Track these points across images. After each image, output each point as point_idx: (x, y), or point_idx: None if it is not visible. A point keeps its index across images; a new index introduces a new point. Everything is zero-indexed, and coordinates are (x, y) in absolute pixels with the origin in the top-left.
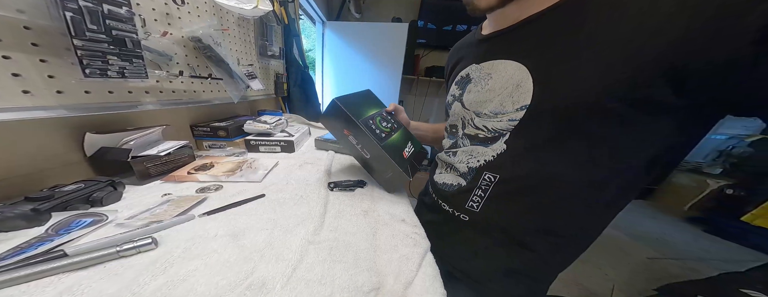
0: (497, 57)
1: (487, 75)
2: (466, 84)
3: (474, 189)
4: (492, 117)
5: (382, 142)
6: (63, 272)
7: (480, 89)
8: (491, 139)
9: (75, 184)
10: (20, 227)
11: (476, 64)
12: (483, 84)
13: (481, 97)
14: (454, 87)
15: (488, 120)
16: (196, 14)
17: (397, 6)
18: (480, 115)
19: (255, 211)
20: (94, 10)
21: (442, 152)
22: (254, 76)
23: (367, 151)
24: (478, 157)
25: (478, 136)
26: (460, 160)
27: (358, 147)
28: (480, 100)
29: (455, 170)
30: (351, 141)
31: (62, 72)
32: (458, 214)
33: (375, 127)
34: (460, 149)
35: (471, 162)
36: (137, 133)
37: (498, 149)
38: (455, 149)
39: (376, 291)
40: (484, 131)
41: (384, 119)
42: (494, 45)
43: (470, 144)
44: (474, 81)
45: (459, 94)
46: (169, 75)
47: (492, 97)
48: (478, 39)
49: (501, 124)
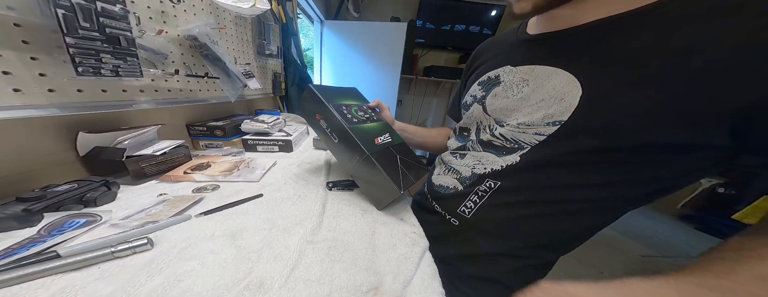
0: (542, 62)
1: (522, 81)
2: (492, 86)
3: (470, 194)
4: (515, 128)
5: (351, 124)
6: (56, 274)
7: (510, 96)
8: (507, 150)
9: (68, 184)
10: (11, 228)
11: (512, 67)
12: (515, 91)
13: (510, 105)
14: (477, 87)
15: (511, 130)
16: (192, 12)
17: (395, 5)
18: (503, 124)
19: (253, 211)
20: (86, 8)
21: (446, 153)
22: (252, 75)
23: (336, 134)
24: (486, 164)
25: (493, 143)
26: (466, 164)
27: (328, 131)
28: (508, 107)
29: (456, 173)
30: (322, 125)
31: (54, 70)
32: (449, 217)
33: (347, 113)
34: (469, 153)
35: (477, 168)
36: (132, 133)
37: (510, 161)
38: (463, 152)
39: (374, 290)
40: (501, 140)
41: (361, 110)
42: (540, 48)
43: (482, 150)
44: (504, 85)
45: (482, 96)
46: (165, 74)
47: (523, 107)
48: (520, 38)
49: (524, 136)
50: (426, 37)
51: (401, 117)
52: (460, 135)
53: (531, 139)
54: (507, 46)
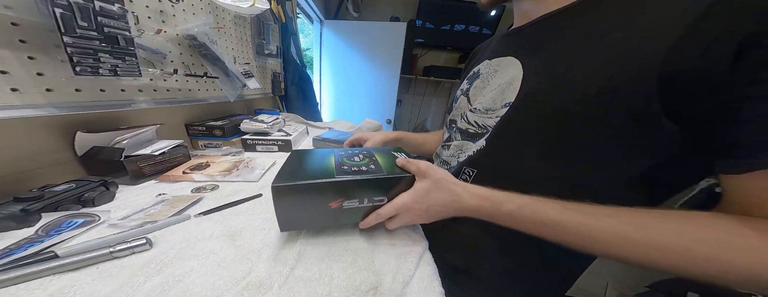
0: (505, 54)
1: (494, 71)
2: (474, 79)
3: None
4: (483, 113)
5: (382, 172)
6: (54, 274)
7: (483, 85)
8: (478, 136)
9: (66, 184)
10: (9, 228)
11: (488, 60)
12: (488, 80)
13: (480, 93)
14: (466, 82)
15: (479, 116)
16: (191, 12)
17: (395, 5)
18: (474, 111)
19: (252, 210)
20: (84, 7)
21: (439, 146)
22: (251, 74)
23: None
24: (465, 152)
25: (468, 130)
26: (451, 154)
27: (366, 203)
28: (478, 95)
29: (445, 164)
30: (352, 205)
31: (52, 69)
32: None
33: (355, 167)
34: (452, 143)
35: (459, 156)
36: (130, 132)
37: (479, 146)
38: (449, 143)
39: (374, 290)
40: (474, 127)
41: (347, 155)
42: (507, 42)
43: (461, 138)
44: (482, 77)
45: (466, 88)
46: (164, 73)
47: (488, 93)
48: (501, 35)
49: (489, 120)
50: (425, 37)
51: (401, 117)
52: (449, 127)
53: (493, 122)
54: (492, 43)
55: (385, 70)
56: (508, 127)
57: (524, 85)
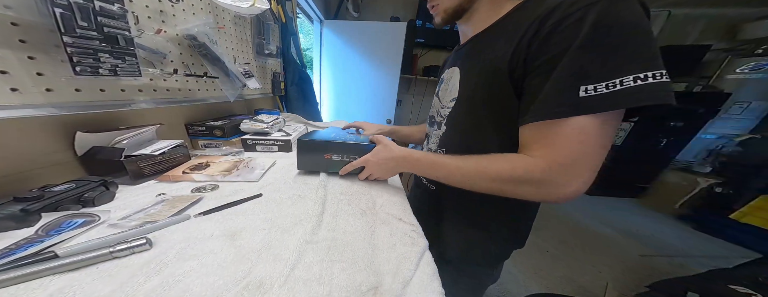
0: (454, 65)
1: (449, 77)
2: (441, 83)
3: None
4: (444, 107)
5: (358, 141)
6: (54, 274)
7: (445, 88)
8: (441, 123)
9: (66, 184)
10: (9, 228)
11: (447, 69)
12: (448, 83)
13: (444, 94)
14: (438, 86)
15: (441, 108)
16: (191, 12)
17: (395, 5)
18: (443, 107)
19: (252, 210)
20: (84, 7)
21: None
22: (251, 74)
23: (354, 153)
24: (437, 136)
25: (438, 121)
26: (433, 142)
27: (345, 158)
28: (444, 95)
29: (430, 151)
30: (337, 158)
31: (52, 69)
32: (429, 184)
33: (343, 139)
34: (432, 133)
35: (431, 146)
36: (130, 132)
37: (442, 130)
38: (430, 135)
39: (374, 290)
40: (440, 117)
41: (340, 133)
42: (456, 55)
43: (437, 129)
44: (444, 81)
45: (437, 91)
46: (163, 73)
47: (447, 93)
48: (454, 50)
49: (445, 111)
50: (425, 37)
51: (401, 116)
52: (429, 122)
53: (447, 111)
54: (450, 56)
55: (385, 70)
56: (454, 114)
57: (461, 85)
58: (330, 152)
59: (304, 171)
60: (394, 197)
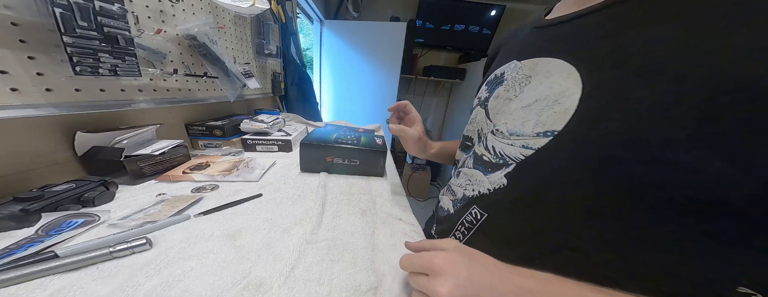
0: (545, 53)
1: (525, 78)
2: (496, 86)
3: (457, 223)
4: (505, 137)
5: (359, 145)
6: (54, 274)
7: (508, 95)
8: (493, 167)
9: (66, 184)
10: (9, 228)
11: (517, 61)
12: (516, 89)
13: (505, 107)
14: (484, 88)
15: (500, 140)
16: (191, 12)
17: (395, 5)
18: (495, 132)
19: (252, 210)
20: (84, 7)
21: (455, 169)
22: (251, 74)
23: (354, 158)
24: (474, 184)
25: (483, 157)
26: (459, 184)
27: (346, 162)
28: (503, 110)
29: (452, 193)
30: (339, 161)
31: (51, 69)
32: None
33: (344, 141)
34: (463, 170)
35: (467, 189)
36: (130, 132)
37: (496, 182)
38: (460, 169)
39: (374, 290)
40: (490, 154)
41: (343, 134)
42: (549, 35)
43: (473, 166)
44: (507, 83)
45: (485, 97)
46: (163, 73)
47: (516, 110)
48: (533, 25)
49: (511, 149)
50: (425, 37)
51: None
52: (463, 146)
53: (516, 152)
54: (520, 36)
55: (385, 70)
56: (543, 166)
57: (583, 107)
58: (332, 155)
59: (304, 171)
60: (394, 197)
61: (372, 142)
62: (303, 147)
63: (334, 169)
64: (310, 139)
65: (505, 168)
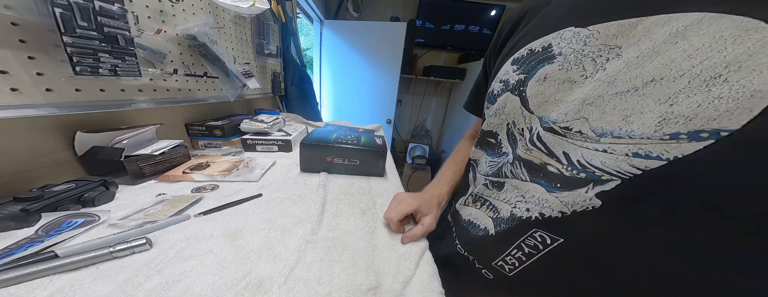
0: (655, 7)
1: (604, 49)
2: (539, 63)
3: (511, 246)
4: (588, 139)
5: (359, 145)
6: (54, 274)
7: (572, 76)
8: (567, 182)
9: (66, 184)
10: (9, 228)
11: (578, 28)
12: (585, 67)
13: (567, 93)
14: (511, 68)
15: (575, 143)
16: (191, 12)
17: (395, 5)
18: (557, 130)
19: (252, 210)
20: (84, 7)
21: (477, 172)
22: (251, 74)
23: (354, 158)
24: (531, 203)
25: (548, 167)
26: (505, 199)
27: (346, 162)
28: (559, 97)
29: (492, 209)
30: (339, 161)
31: (51, 69)
32: (480, 267)
33: (344, 142)
34: (507, 182)
35: (518, 207)
36: (130, 132)
37: (578, 203)
38: (501, 180)
39: (374, 290)
40: (564, 163)
41: (343, 134)
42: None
43: (527, 177)
44: (563, 60)
45: (519, 80)
46: (163, 73)
47: (601, 97)
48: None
49: (605, 157)
50: (425, 37)
51: (401, 116)
52: (485, 144)
53: (622, 165)
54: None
55: (385, 70)
56: (684, 189)
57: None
58: (332, 155)
59: (304, 171)
60: None
61: (372, 142)
62: (303, 147)
63: (334, 169)
64: (310, 139)
65: (595, 186)
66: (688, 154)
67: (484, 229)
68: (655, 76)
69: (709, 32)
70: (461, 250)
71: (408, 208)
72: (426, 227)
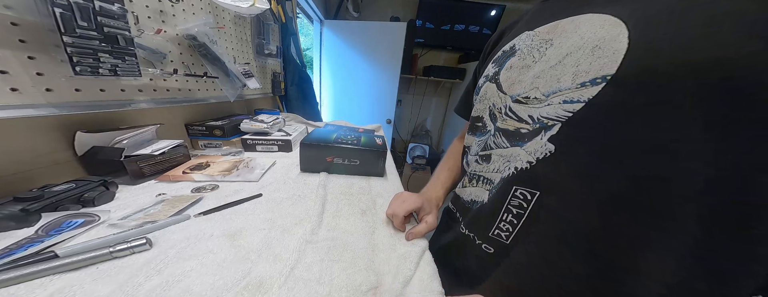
0: (566, 13)
1: (543, 42)
2: (507, 58)
3: (500, 212)
4: (540, 101)
5: (359, 145)
6: (54, 274)
7: (527, 63)
8: (531, 134)
9: (66, 184)
10: (9, 228)
11: (529, 31)
12: (534, 55)
13: (522, 75)
14: (491, 66)
15: (531, 106)
16: (191, 12)
17: (395, 5)
18: (521, 100)
19: (252, 210)
20: (84, 7)
21: (470, 156)
22: (251, 74)
23: (354, 158)
24: (512, 161)
25: (520, 130)
26: (495, 169)
27: (346, 162)
28: (520, 79)
29: (486, 182)
30: (339, 161)
31: (51, 69)
32: (480, 242)
33: (344, 142)
34: (493, 152)
35: (504, 170)
36: (130, 132)
37: (537, 151)
38: (488, 152)
39: (374, 290)
40: (520, 123)
41: (343, 134)
42: (557, 4)
43: (508, 144)
44: (520, 53)
45: (495, 71)
46: (163, 73)
47: (541, 72)
48: (540, 1)
49: (548, 109)
50: (425, 37)
51: (401, 117)
52: (474, 129)
53: (557, 111)
54: (525, 16)
55: (385, 70)
56: (607, 119)
57: (639, 44)
58: (332, 155)
59: (304, 171)
60: None
61: (372, 142)
62: (303, 147)
63: (334, 169)
64: (310, 139)
65: (546, 132)
66: (592, 96)
67: (481, 201)
68: (568, 51)
69: (591, 24)
70: (463, 229)
71: (412, 205)
72: (429, 225)
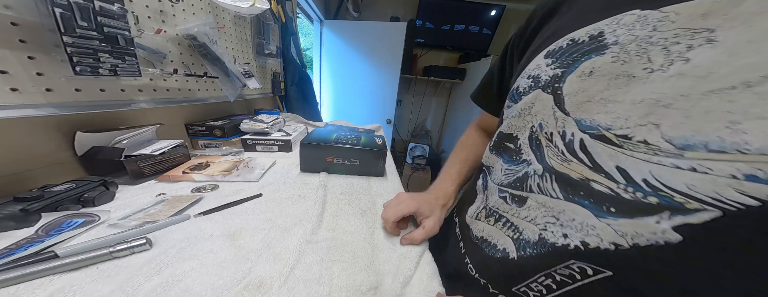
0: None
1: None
2: (583, 56)
3: (537, 274)
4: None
5: (359, 145)
6: (54, 274)
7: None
8: (629, 207)
9: (66, 183)
10: (9, 228)
11: (644, 11)
12: (655, 58)
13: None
14: (545, 61)
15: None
16: (191, 12)
17: (395, 5)
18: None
19: (252, 210)
20: (84, 7)
21: (491, 180)
22: (251, 74)
23: (354, 158)
24: (570, 228)
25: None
26: (529, 218)
27: (346, 162)
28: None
29: (513, 229)
30: (339, 161)
31: (51, 69)
32: (495, 291)
33: (344, 142)
34: (531, 197)
35: (552, 231)
36: (130, 132)
37: (642, 236)
38: (523, 194)
39: (374, 290)
40: (622, 183)
41: (343, 133)
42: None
43: (563, 197)
44: (620, 50)
45: (555, 75)
46: (163, 73)
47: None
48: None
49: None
50: (425, 37)
51: (401, 117)
52: (500, 148)
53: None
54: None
55: (385, 70)
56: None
57: None
58: (332, 155)
59: (304, 171)
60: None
61: (372, 142)
62: (303, 147)
63: (334, 169)
64: (310, 139)
65: (676, 215)
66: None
67: (503, 251)
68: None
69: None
70: (472, 270)
71: (406, 209)
72: (427, 230)
